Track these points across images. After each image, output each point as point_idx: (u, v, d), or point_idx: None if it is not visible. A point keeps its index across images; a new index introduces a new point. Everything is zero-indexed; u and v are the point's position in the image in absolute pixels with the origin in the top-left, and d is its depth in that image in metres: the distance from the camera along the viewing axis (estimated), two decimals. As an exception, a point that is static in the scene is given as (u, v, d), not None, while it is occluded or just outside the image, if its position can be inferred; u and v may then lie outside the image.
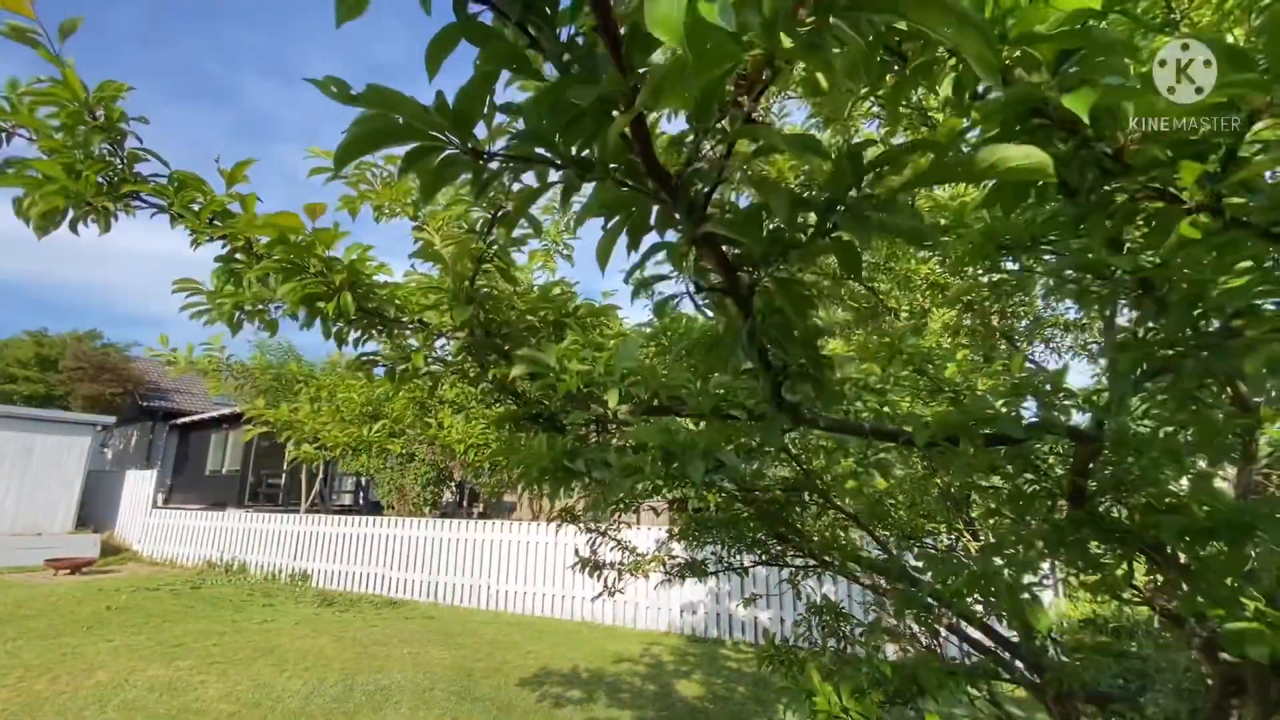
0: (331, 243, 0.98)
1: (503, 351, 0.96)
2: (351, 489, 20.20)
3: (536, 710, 5.79)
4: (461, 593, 11.27)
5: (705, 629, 9.50)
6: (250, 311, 1.53)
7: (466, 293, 0.91)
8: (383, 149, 0.60)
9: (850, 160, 0.59)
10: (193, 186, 1.02)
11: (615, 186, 0.60)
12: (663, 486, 1.72)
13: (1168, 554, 1.17)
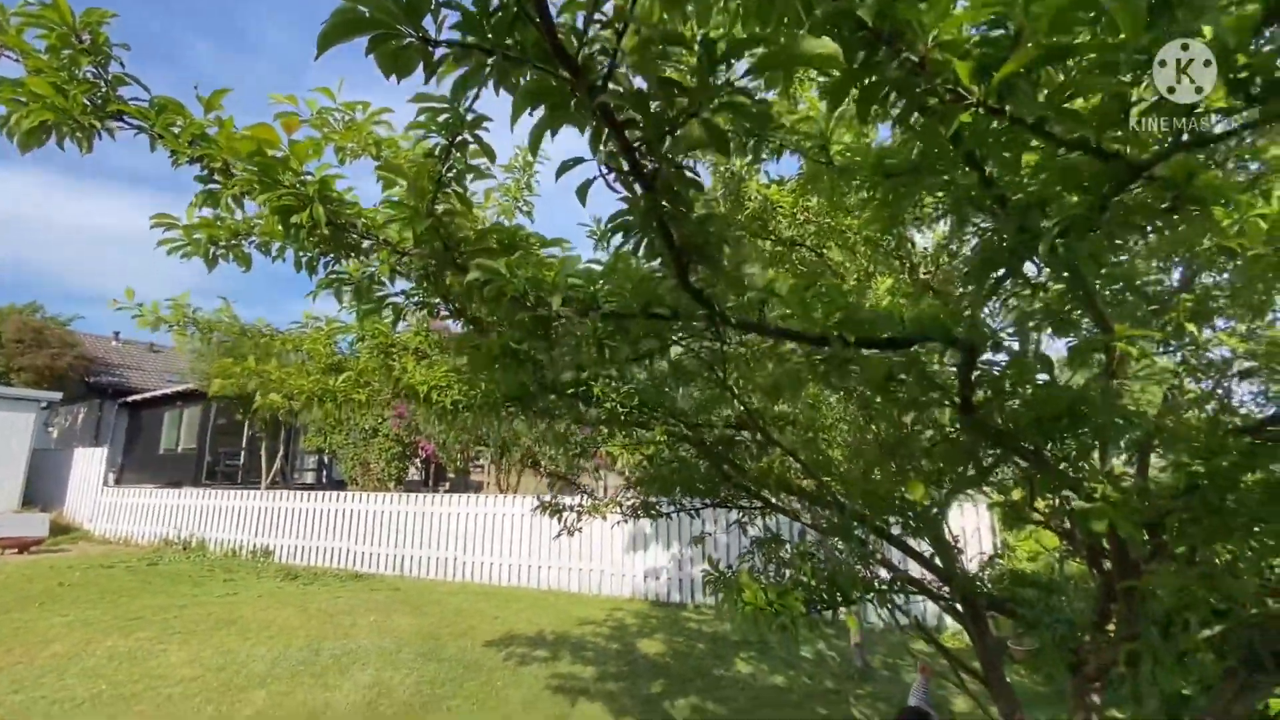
0: (304, 157, 1.07)
1: (459, 265, 1.07)
2: (314, 467, 19.91)
3: (502, 668, 5.97)
4: (428, 565, 11.34)
5: (668, 594, 9.80)
6: (225, 246, 1.60)
7: (427, 208, 1.02)
8: (354, 37, 0.72)
9: (705, 49, 0.74)
10: (173, 110, 1.09)
11: (535, 71, 0.73)
12: (610, 411, 1.85)
13: (1039, 456, 1.37)
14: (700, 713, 4.97)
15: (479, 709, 4.91)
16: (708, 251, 0.92)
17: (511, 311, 1.04)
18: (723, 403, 2.18)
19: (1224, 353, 2.24)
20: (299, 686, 5.28)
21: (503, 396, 1.63)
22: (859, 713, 5.14)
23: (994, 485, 2.47)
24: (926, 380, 1.30)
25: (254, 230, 1.53)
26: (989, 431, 1.32)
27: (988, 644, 2.65)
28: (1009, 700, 2.53)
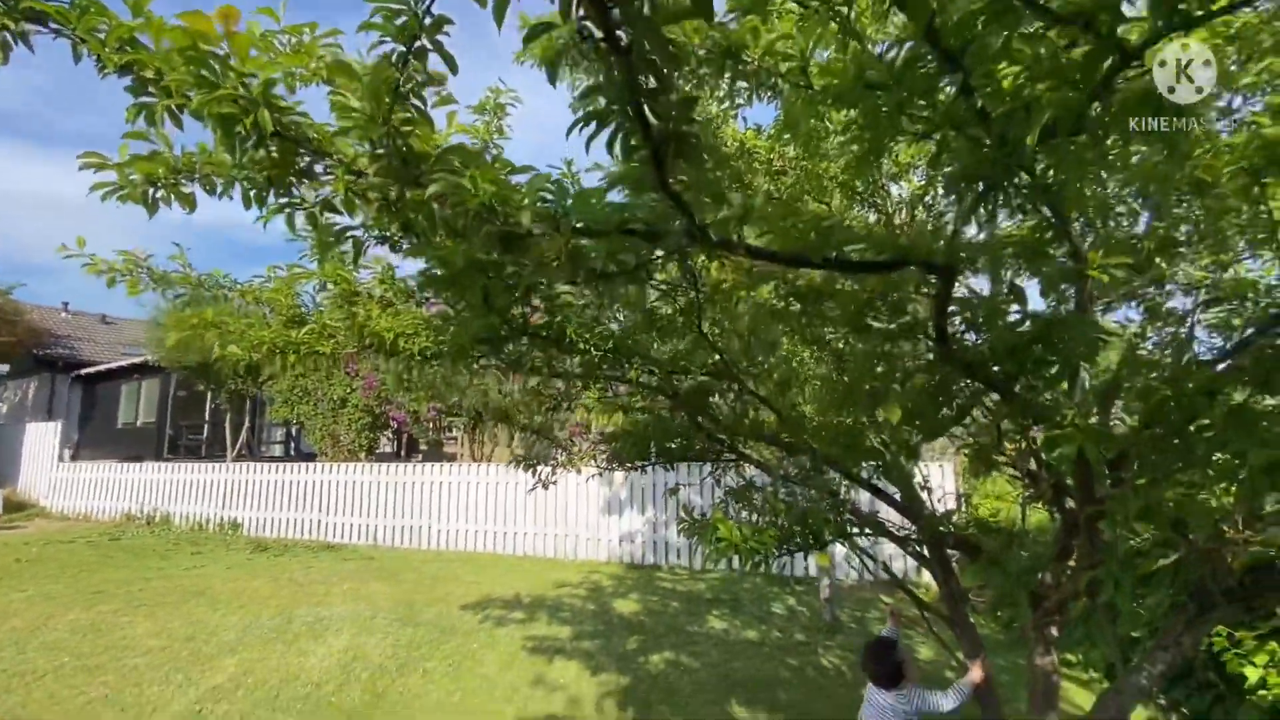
0: (246, 52, 0.98)
1: (419, 183, 1.00)
2: (282, 439, 19.51)
3: (479, 630, 6.00)
4: (402, 534, 11.29)
5: (643, 556, 9.94)
6: (165, 185, 1.49)
7: (383, 115, 0.95)
8: None
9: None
10: (96, 12, 0.98)
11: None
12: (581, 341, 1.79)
13: (1009, 389, 1.38)
14: (675, 666, 5.08)
15: (456, 670, 4.94)
16: (687, 142, 0.87)
17: (477, 227, 0.98)
18: (699, 350, 2.15)
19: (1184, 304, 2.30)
20: (272, 653, 5.24)
21: (472, 339, 1.57)
22: (827, 662, 5.32)
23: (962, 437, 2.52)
24: (901, 312, 1.29)
25: (196, 166, 1.43)
26: (962, 364, 1.33)
27: (953, 588, 2.73)
28: (973, 639, 2.63)
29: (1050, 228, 1.31)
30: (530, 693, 4.49)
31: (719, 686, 4.65)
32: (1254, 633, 3.69)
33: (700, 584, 8.47)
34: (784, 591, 8.12)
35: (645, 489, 10.10)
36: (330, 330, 2.52)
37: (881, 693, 2.51)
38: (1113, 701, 2.28)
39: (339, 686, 4.55)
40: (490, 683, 4.66)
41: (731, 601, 7.44)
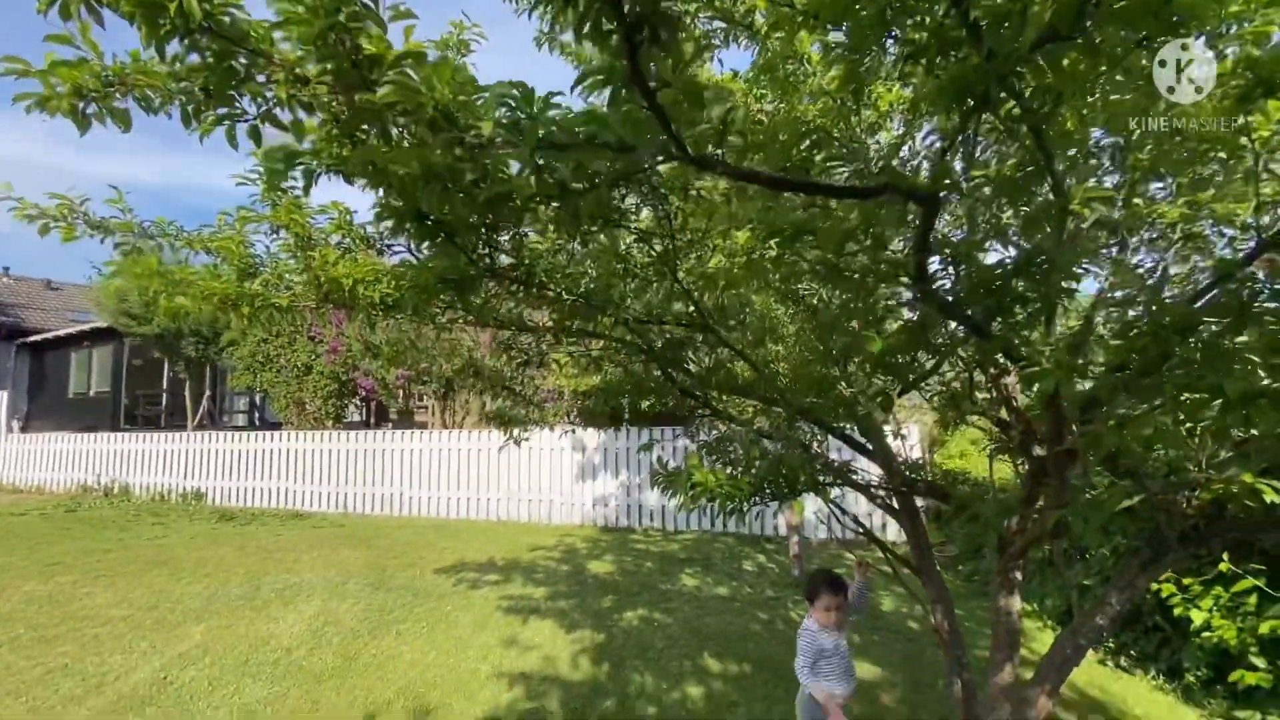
0: None
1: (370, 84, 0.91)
2: (245, 408, 19.02)
3: (453, 593, 6.00)
4: (373, 502, 11.17)
5: (617, 519, 10.03)
6: (95, 98, 1.36)
7: (328, 5, 0.84)
8: None
9: None
10: None
11: None
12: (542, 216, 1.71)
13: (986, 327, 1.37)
14: (649, 623, 5.16)
15: (430, 631, 4.93)
16: (664, 22, 0.79)
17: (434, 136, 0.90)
18: (673, 301, 2.10)
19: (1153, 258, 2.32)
20: (240, 620, 5.16)
21: (435, 280, 1.49)
22: (796, 615, 5.46)
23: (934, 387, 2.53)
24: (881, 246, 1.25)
25: (127, 77, 1.29)
26: (941, 304, 1.30)
27: (920, 538, 2.79)
28: (939, 586, 2.69)
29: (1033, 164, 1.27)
30: (505, 652, 4.51)
31: (691, 641, 4.74)
32: (1200, 578, 3.88)
33: (673, 544, 8.60)
34: (754, 550, 8.29)
35: (618, 453, 10.14)
36: (287, 281, 2.40)
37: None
38: (1069, 642, 2.37)
39: (310, 650, 4.50)
40: (464, 643, 4.67)
41: (704, 560, 7.57)
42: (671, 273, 1.78)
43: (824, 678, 2.67)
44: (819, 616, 2.72)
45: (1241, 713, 3.55)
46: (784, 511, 6.79)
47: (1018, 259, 1.17)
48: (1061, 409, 1.43)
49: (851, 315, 1.53)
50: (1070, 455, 1.56)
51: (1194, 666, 3.93)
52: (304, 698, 3.76)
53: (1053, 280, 1.14)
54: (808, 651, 2.67)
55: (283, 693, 3.83)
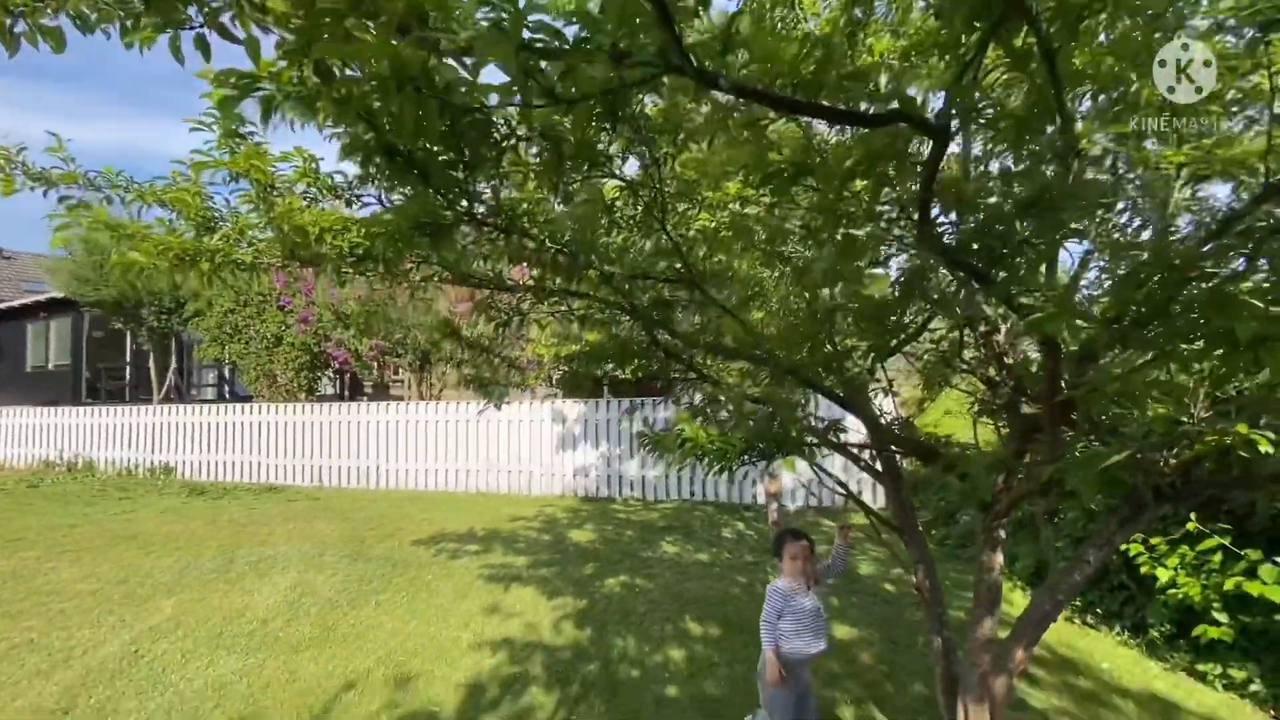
0: None
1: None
2: (214, 381, 18.53)
3: (433, 563, 5.95)
4: (349, 475, 11.02)
5: (597, 489, 10.05)
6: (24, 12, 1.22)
7: None
8: None
9: None
10: None
11: None
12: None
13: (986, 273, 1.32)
14: (630, 589, 5.18)
15: (410, 600, 4.89)
16: None
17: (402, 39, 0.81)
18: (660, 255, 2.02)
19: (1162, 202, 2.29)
20: (213, 593, 5.05)
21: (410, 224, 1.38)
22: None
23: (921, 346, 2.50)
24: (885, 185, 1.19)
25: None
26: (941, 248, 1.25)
27: (902, 498, 2.80)
28: (921, 547, 2.71)
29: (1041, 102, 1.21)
30: (487, 619, 4.49)
31: (672, 605, 4.77)
32: (1167, 538, 3.99)
33: (654, 513, 8.65)
34: (733, 518, 8.38)
35: (599, 425, 10.11)
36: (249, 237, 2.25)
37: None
38: (1047, 598, 2.40)
39: (287, 622, 4.43)
40: (445, 611, 4.64)
41: (684, 529, 7.63)
42: (660, 223, 1.69)
43: (796, 636, 2.69)
44: (787, 567, 2.74)
45: (1203, 665, 3.69)
46: (764, 480, 6.85)
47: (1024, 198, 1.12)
48: (1058, 361, 1.40)
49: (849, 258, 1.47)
50: (1065, 409, 1.53)
51: (1158, 622, 4.07)
52: (281, 668, 3.70)
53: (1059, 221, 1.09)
54: (774, 609, 2.69)
55: (259, 664, 3.76)
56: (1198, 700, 3.40)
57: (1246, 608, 3.55)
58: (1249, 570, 3.48)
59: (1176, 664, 3.86)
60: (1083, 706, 3.31)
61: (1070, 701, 3.37)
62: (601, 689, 3.44)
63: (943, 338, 2.10)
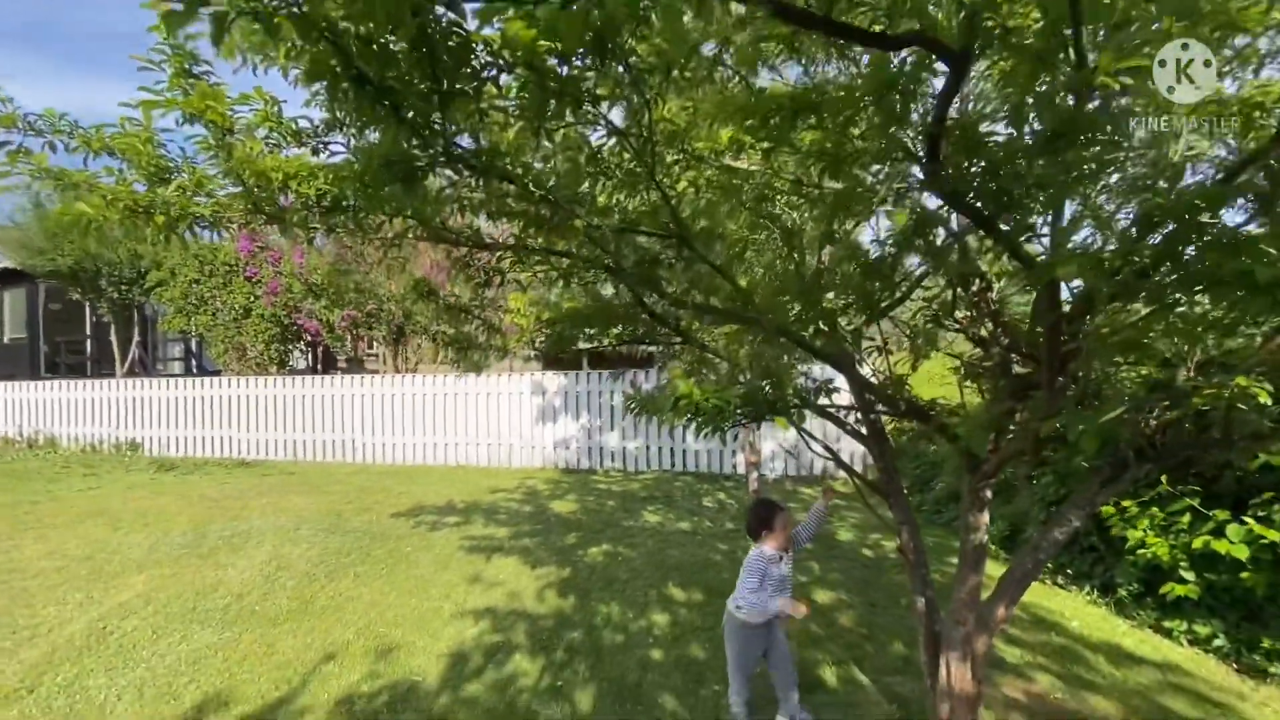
0: None
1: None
2: (180, 354, 17.99)
3: (412, 535, 5.88)
4: (325, 449, 10.83)
5: (578, 461, 10.03)
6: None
7: None
8: None
9: None
10: None
11: None
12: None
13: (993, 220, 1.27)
14: (613, 557, 5.18)
15: (389, 572, 4.83)
16: None
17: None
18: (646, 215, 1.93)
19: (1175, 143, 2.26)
20: (185, 568, 4.93)
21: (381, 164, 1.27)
22: (758, 547, 5.59)
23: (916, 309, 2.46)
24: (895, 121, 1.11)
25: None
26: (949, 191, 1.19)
27: (888, 460, 2.79)
28: (905, 509, 2.72)
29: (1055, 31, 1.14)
30: (469, 589, 4.45)
31: (655, 572, 4.79)
32: (1138, 500, 4.09)
33: (635, 484, 8.67)
34: (714, 488, 8.44)
35: (579, 396, 10.05)
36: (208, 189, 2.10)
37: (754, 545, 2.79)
38: (1030, 557, 2.42)
39: (263, 595, 4.34)
40: (426, 582, 4.59)
41: (665, 498, 7.66)
42: (649, 173, 1.60)
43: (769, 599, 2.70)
44: (778, 539, 2.73)
45: (1169, 622, 3.82)
46: (744, 450, 6.87)
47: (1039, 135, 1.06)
48: (1060, 310, 1.36)
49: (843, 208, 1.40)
50: (1064, 363, 1.50)
51: (1126, 582, 4.19)
52: (258, 642, 3.63)
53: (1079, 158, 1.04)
54: (756, 574, 2.68)
55: (234, 638, 3.68)
56: (1163, 655, 3.51)
57: (1212, 566, 3.66)
58: (1216, 530, 3.57)
59: (1143, 621, 3.99)
60: (1055, 662, 3.40)
61: (1044, 657, 3.45)
62: (586, 654, 3.43)
63: (935, 297, 2.06)
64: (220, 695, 3.08)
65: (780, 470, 9.31)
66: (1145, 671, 3.30)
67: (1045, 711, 2.89)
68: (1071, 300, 1.37)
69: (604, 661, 3.36)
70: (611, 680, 3.15)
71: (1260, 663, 3.29)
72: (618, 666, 3.30)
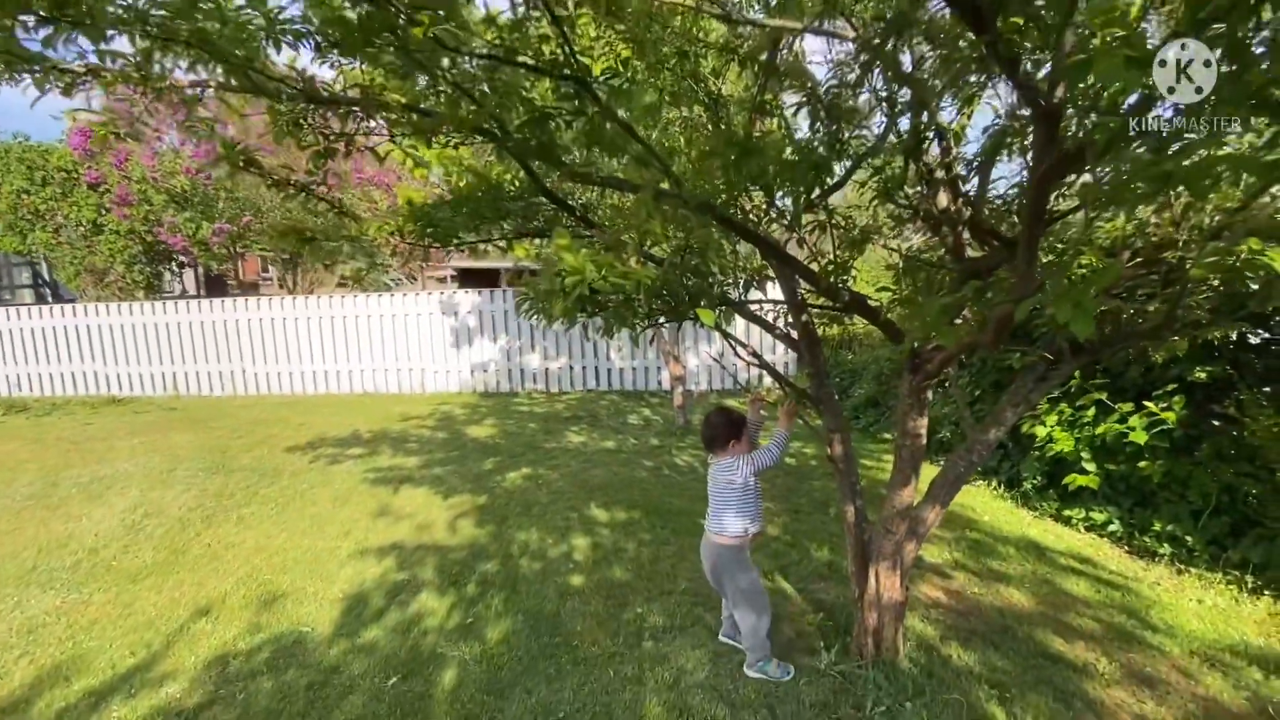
0: None
1: None
2: (29, 281, 15.62)
3: (309, 470, 5.36)
4: (212, 381, 9.80)
5: (498, 384, 9.58)
6: None
7: None
8: None
9: None
10: None
11: None
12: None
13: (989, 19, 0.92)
14: (533, 480, 4.91)
15: (280, 512, 4.34)
16: None
17: None
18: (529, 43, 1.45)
19: None
20: (26, 523, 4.24)
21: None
22: (682, 460, 5.47)
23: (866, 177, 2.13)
24: None
25: None
26: None
27: (819, 365, 2.56)
28: (837, 415, 2.52)
29: None
30: (372, 524, 4.06)
31: (578, 493, 4.56)
32: (1046, 396, 4.16)
33: (558, 405, 8.37)
34: (639, 405, 8.28)
35: (495, 316, 9.46)
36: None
37: (712, 459, 2.51)
38: (963, 459, 2.29)
39: (124, 548, 3.78)
40: (322, 521, 4.16)
41: (589, 417, 7.42)
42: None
43: (755, 514, 2.46)
44: (745, 447, 2.46)
45: (1069, 511, 3.99)
46: (668, 364, 6.65)
47: None
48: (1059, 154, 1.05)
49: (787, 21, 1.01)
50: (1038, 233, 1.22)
51: (1031, 475, 4.35)
52: (112, 602, 3.12)
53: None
54: (741, 487, 2.41)
55: (83, 600, 3.16)
56: (1066, 544, 3.66)
57: (1112, 457, 3.80)
58: (1120, 420, 3.67)
59: (1044, 512, 4.16)
60: (970, 557, 3.46)
61: (959, 553, 3.51)
62: (500, 586, 3.17)
63: (886, 164, 1.74)
64: (60, 668, 2.61)
65: (705, 384, 9.26)
66: (1051, 560, 3.42)
67: (963, 609, 2.91)
68: (1068, 146, 1.06)
69: (520, 592, 3.11)
70: (528, 612, 2.92)
71: (1151, 544, 3.47)
72: (535, 597, 3.06)
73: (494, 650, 2.62)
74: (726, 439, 2.45)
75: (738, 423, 2.48)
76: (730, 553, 2.45)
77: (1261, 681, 2.30)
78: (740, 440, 2.47)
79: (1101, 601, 2.95)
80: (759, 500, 2.49)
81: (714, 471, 2.50)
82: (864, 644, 2.45)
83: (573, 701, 2.29)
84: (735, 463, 2.42)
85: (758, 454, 2.42)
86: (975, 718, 2.13)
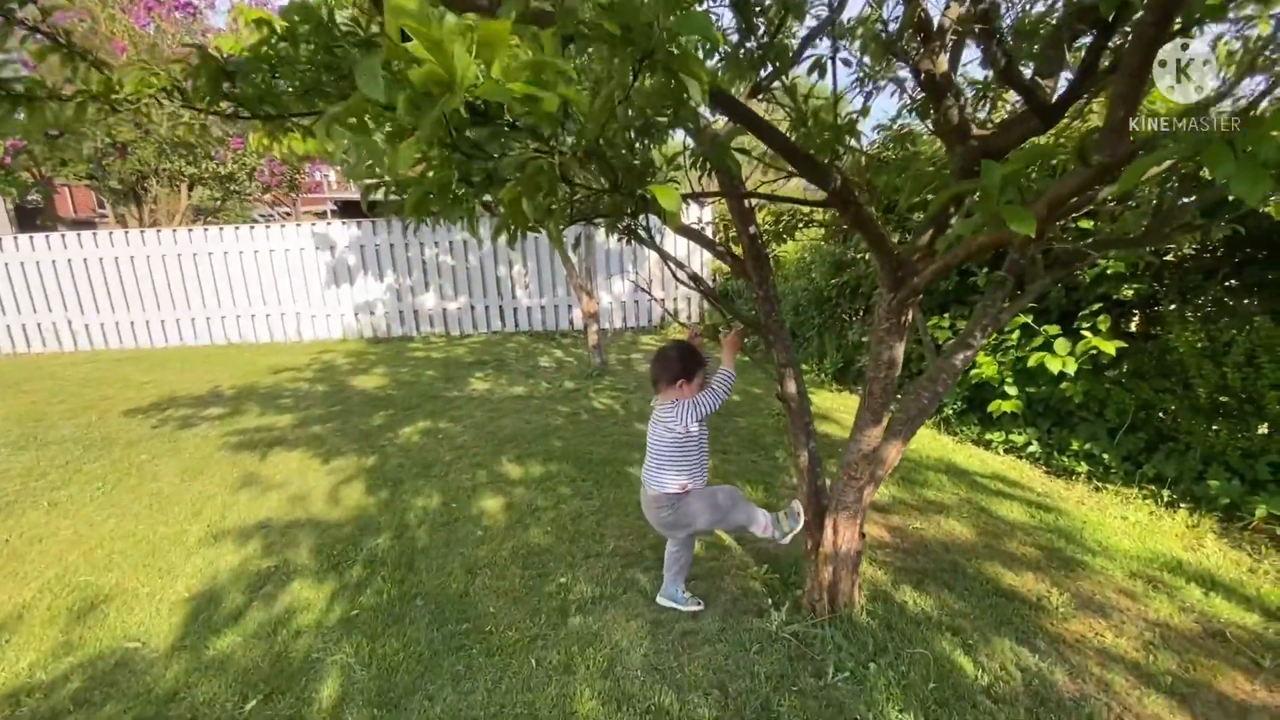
0: None
1: None
2: None
3: (152, 437, 4.45)
4: (28, 335, 8.16)
5: (388, 328, 8.65)
6: None
7: None
8: None
9: None
10: None
11: None
12: None
13: None
14: (432, 435, 4.32)
15: (108, 493, 3.52)
16: None
17: None
18: None
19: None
20: None
21: None
22: (600, 403, 5.06)
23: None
24: None
25: None
26: None
27: (769, 290, 2.17)
28: (787, 349, 2.17)
29: None
30: (231, 500, 3.37)
31: (486, 446, 4.05)
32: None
33: (460, 349, 7.65)
34: (550, 346, 7.74)
35: (379, 250, 8.40)
36: None
37: (655, 401, 2.17)
38: (926, 390, 2.02)
39: (-122, 554, 2.88)
40: (165, 500, 3.40)
41: (495, 361, 6.80)
42: None
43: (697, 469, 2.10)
44: (692, 390, 2.06)
45: (990, 435, 3.98)
46: (581, 300, 6.12)
47: None
48: None
49: None
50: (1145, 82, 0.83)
51: (952, 401, 4.31)
52: None
53: None
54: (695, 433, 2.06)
55: None
56: (990, 467, 3.64)
57: (1033, 380, 3.77)
58: (1044, 345, 3.62)
59: (965, 437, 4.15)
60: (904, 489, 3.34)
61: (893, 486, 3.38)
62: (394, 565, 2.66)
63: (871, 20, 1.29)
64: None
65: (620, 322, 8.82)
66: (981, 485, 3.36)
67: (908, 547, 2.75)
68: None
69: (418, 571, 2.62)
70: (429, 595, 2.45)
71: (1069, 464, 3.49)
72: (437, 575, 2.59)
73: (386, 649, 2.14)
74: (674, 376, 2.06)
75: (694, 359, 2.08)
76: (671, 500, 2.08)
77: (1203, 599, 2.28)
78: (691, 381, 2.07)
79: (1036, 526, 2.89)
80: (703, 452, 2.12)
81: (653, 417, 2.12)
82: (818, 600, 2.20)
83: (487, 705, 1.88)
84: (675, 406, 2.02)
85: (699, 397, 2.02)
86: (944, 672, 1.93)
